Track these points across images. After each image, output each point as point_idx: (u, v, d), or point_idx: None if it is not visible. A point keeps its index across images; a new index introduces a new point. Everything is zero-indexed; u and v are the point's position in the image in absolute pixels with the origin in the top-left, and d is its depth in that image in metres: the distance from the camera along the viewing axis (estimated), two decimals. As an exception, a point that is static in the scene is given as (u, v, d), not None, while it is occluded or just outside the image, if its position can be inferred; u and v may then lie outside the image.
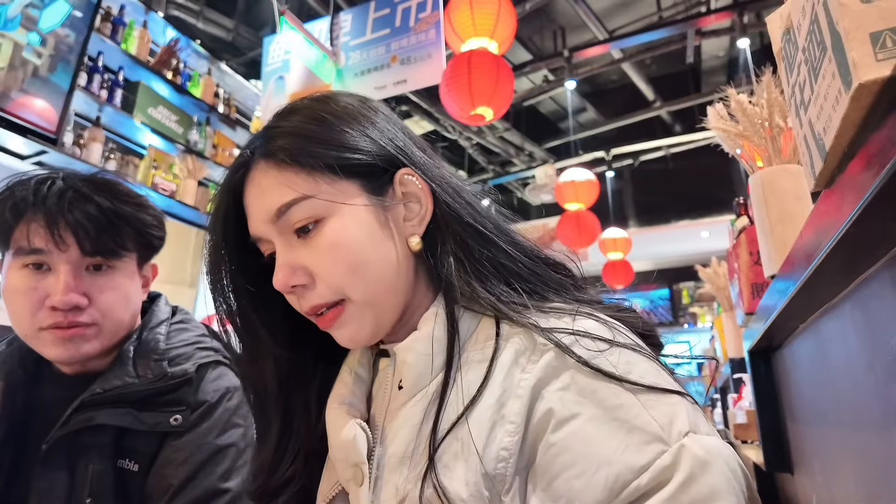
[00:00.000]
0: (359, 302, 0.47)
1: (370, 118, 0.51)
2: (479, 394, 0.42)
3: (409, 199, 0.50)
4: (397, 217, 0.49)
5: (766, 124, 0.75)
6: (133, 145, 2.90)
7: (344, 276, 0.46)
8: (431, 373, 0.46)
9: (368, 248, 0.46)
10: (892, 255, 0.34)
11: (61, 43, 2.21)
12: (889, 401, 0.38)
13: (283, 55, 3.25)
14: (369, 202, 0.48)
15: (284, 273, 0.46)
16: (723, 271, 1.89)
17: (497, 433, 0.41)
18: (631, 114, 5.58)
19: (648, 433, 0.38)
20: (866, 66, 0.26)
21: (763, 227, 0.71)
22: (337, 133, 0.48)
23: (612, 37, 4.52)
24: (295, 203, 0.46)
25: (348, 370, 0.52)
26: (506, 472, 0.40)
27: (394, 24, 2.92)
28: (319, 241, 0.46)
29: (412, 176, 0.49)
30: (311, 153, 0.46)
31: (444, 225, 0.49)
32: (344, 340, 0.49)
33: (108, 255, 0.73)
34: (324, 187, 0.46)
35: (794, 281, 0.48)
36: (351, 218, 0.46)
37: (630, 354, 0.42)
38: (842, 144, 0.31)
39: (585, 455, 0.38)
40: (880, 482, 0.41)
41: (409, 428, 0.44)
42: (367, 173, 0.48)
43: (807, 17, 0.34)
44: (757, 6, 3.84)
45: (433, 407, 0.43)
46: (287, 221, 0.46)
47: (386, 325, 0.49)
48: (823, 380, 0.56)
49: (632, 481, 0.37)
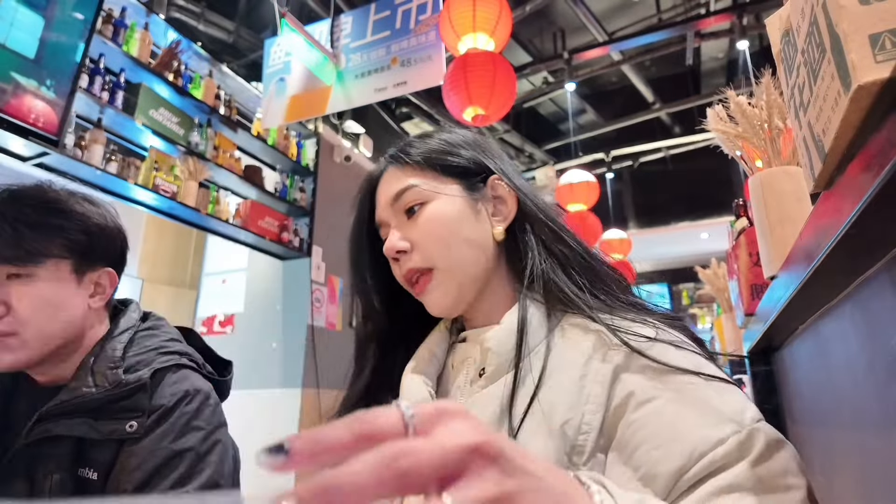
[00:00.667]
0: (444, 270, 0.57)
1: (474, 139, 0.65)
2: (541, 380, 0.49)
3: (498, 199, 0.61)
4: (487, 211, 0.60)
5: (765, 126, 0.75)
6: (134, 147, 2.90)
7: (435, 245, 0.57)
8: (510, 361, 0.52)
9: (457, 228, 0.58)
10: (892, 256, 0.34)
11: (61, 44, 2.21)
12: (889, 401, 0.38)
13: (283, 57, 3.25)
14: (464, 193, 0.60)
15: (392, 240, 0.59)
16: (722, 272, 1.89)
17: (579, 411, 0.46)
18: (631, 115, 5.59)
19: (723, 413, 0.42)
20: (865, 67, 0.26)
21: (762, 229, 0.72)
22: (446, 146, 0.62)
23: (611, 39, 4.52)
24: (407, 189, 0.59)
25: (427, 348, 0.61)
26: (586, 443, 0.45)
27: (394, 26, 2.92)
28: (421, 217, 0.59)
29: (501, 181, 0.61)
30: (425, 157, 0.61)
31: (525, 223, 0.59)
32: (431, 305, 0.59)
33: (21, 263, 0.72)
34: (430, 180, 0.60)
35: (793, 282, 0.48)
36: (447, 202, 0.59)
37: (695, 356, 0.47)
38: (841, 146, 0.31)
39: (664, 429, 0.42)
40: (880, 482, 0.41)
41: (492, 411, 0.50)
42: (464, 174, 0.61)
43: (806, 18, 0.35)
44: (756, 8, 3.85)
45: (508, 391, 0.50)
46: (401, 204, 0.59)
47: (466, 297, 0.59)
48: (823, 380, 0.56)
49: (707, 453, 0.40)
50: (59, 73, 2.21)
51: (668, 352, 0.47)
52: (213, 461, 0.74)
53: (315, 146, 3.88)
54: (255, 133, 3.44)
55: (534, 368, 0.50)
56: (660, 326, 0.50)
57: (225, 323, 3.84)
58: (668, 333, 0.50)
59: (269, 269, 3.69)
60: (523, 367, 0.51)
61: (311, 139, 3.90)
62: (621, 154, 6.01)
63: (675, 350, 0.47)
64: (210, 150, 3.11)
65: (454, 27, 2.34)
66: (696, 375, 0.45)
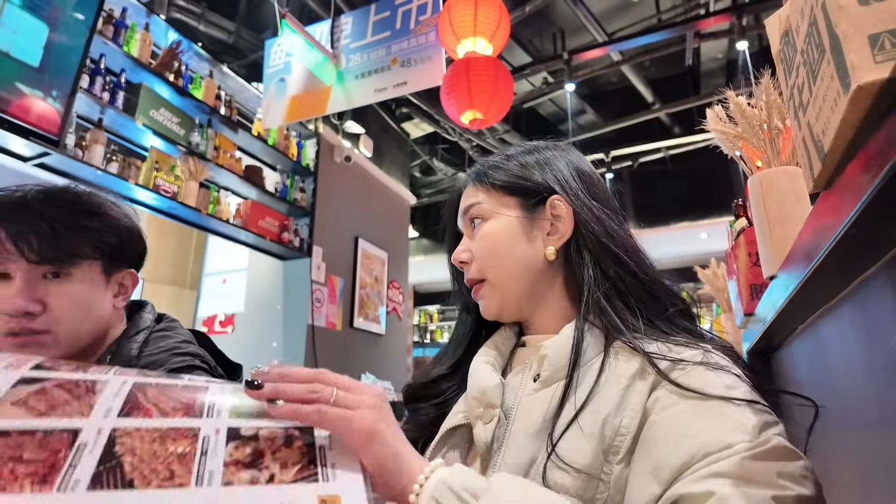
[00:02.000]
0: (492, 282, 0.63)
1: (543, 153, 0.67)
2: (591, 394, 0.52)
3: (556, 219, 0.63)
4: (542, 230, 0.63)
5: (764, 126, 0.75)
6: (135, 147, 2.90)
7: (486, 259, 0.63)
8: (564, 370, 0.55)
9: (506, 244, 0.62)
10: (891, 257, 0.34)
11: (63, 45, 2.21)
12: (888, 401, 0.38)
13: (284, 57, 3.25)
14: (521, 214, 0.63)
15: (458, 250, 0.66)
16: (722, 272, 1.89)
17: (619, 417, 0.49)
18: (630, 116, 5.59)
19: (741, 425, 0.43)
20: (865, 67, 0.26)
21: (762, 229, 0.72)
22: (511, 164, 0.66)
23: (611, 39, 4.52)
24: (472, 206, 0.65)
25: (493, 344, 0.66)
26: (622, 445, 0.48)
27: (394, 27, 2.92)
28: (479, 232, 0.64)
29: (560, 201, 0.63)
30: (490, 177, 0.66)
31: (581, 243, 0.61)
32: (482, 309, 0.65)
33: (60, 263, 0.74)
34: (492, 198, 0.65)
35: (792, 282, 0.48)
36: (501, 220, 0.63)
37: (731, 377, 0.48)
38: (840, 146, 0.31)
39: (678, 429, 0.44)
40: (880, 482, 0.41)
41: (541, 413, 0.53)
42: (522, 193, 0.64)
43: (805, 19, 0.35)
44: (756, 9, 3.85)
45: (557, 400, 0.53)
46: (469, 218, 0.66)
47: (513, 307, 0.63)
48: (823, 380, 0.56)
49: (713, 453, 0.41)
50: (61, 74, 2.21)
51: (704, 376, 0.48)
52: None
53: (315, 146, 3.88)
54: (256, 133, 3.44)
55: (585, 382, 0.53)
56: (710, 350, 0.52)
57: (225, 323, 3.84)
58: (717, 357, 0.51)
59: (270, 269, 3.69)
60: (575, 379, 0.53)
61: (311, 139, 3.90)
62: (621, 154, 6.01)
63: (712, 374, 0.49)
64: (210, 150, 3.11)
65: (455, 30, 2.34)
66: (722, 400, 0.46)
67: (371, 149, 4.53)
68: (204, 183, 3.05)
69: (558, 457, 0.49)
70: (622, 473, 0.47)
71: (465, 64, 2.33)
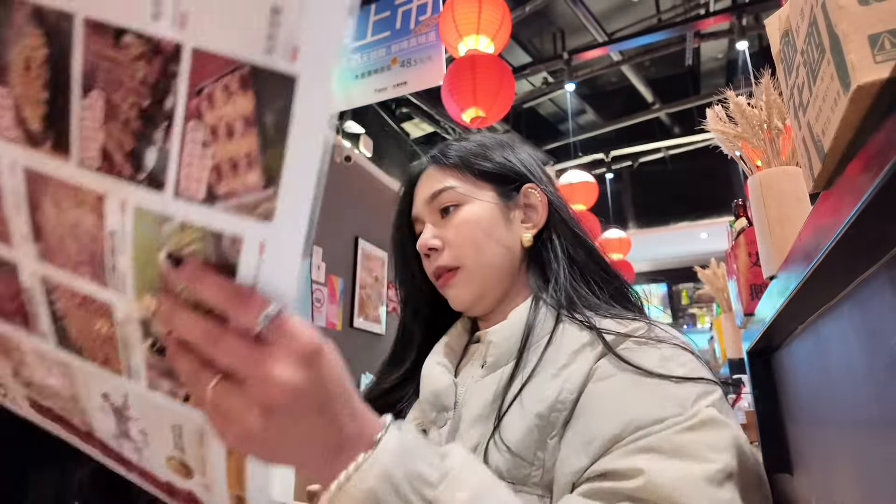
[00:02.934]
0: (470, 269, 0.61)
1: (512, 146, 0.68)
2: (534, 371, 0.52)
3: (530, 207, 0.64)
4: (518, 217, 0.63)
5: (764, 126, 0.75)
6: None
7: (465, 246, 0.61)
8: (510, 354, 0.55)
9: (487, 230, 0.61)
10: (891, 257, 0.34)
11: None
12: (888, 401, 0.38)
13: (283, 57, 3.25)
14: (497, 200, 0.63)
15: (426, 237, 0.62)
16: (722, 272, 1.89)
17: (557, 391, 0.49)
18: (630, 116, 5.59)
19: (672, 397, 0.44)
20: (865, 67, 0.26)
21: (762, 229, 0.72)
22: (486, 151, 0.65)
23: (611, 39, 4.52)
24: (444, 190, 0.62)
25: (445, 343, 0.65)
26: (557, 420, 0.48)
27: (394, 27, 2.92)
28: (455, 219, 0.62)
29: (534, 189, 0.64)
30: (463, 160, 0.64)
31: (553, 231, 0.62)
32: (452, 298, 0.62)
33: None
34: (466, 183, 0.63)
35: (792, 282, 0.48)
36: (481, 207, 0.62)
37: (675, 350, 0.49)
38: (840, 146, 0.31)
39: (611, 401, 0.45)
40: (880, 483, 0.41)
41: (487, 396, 0.54)
42: (499, 181, 0.63)
43: (805, 19, 0.35)
44: (756, 9, 3.85)
45: (503, 382, 0.53)
46: (437, 203, 0.63)
47: (487, 298, 0.62)
48: (823, 381, 0.56)
49: (644, 426, 0.42)
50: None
51: (644, 350, 0.49)
52: None
53: (315, 146, 3.88)
54: (255, 133, 3.44)
55: (530, 362, 0.53)
56: (654, 324, 0.54)
57: (224, 323, 3.84)
58: (661, 330, 0.53)
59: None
60: (524, 359, 0.54)
61: (310, 139, 3.90)
62: (621, 154, 6.01)
63: (653, 347, 0.49)
64: (210, 150, 3.11)
65: (458, 27, 2.34)
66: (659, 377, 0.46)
67: (371, 149, 4.53)
68: (203, 183, 3.05)
69: (500, 437, 0.49)
70: (556, 448, 0.47)
71: (471, 61, 2.33)
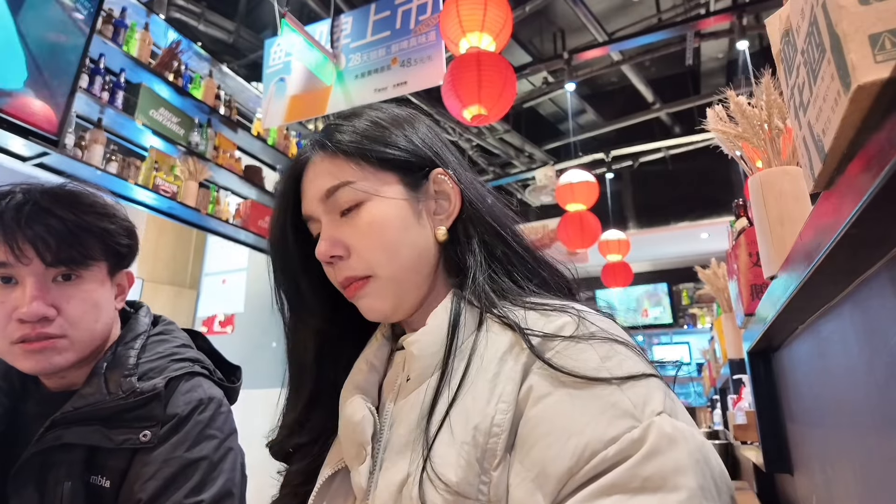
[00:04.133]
0: (384, 277, 0.52)
1: (414, 125, 0.59)
2: (462, 385, 0.46)
3: (441, 196, 0.56)
4: (429, 210, 0.55)
5: (765, 126, 0.75)
6: (134, 147, 2.90)
7: (375, 251, 0.52)
8: (434, 364, 0.49)
9: (399, 231, 0.53)
10: (892, 256, 0.34)
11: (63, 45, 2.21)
12: (889, 401, 0.38)
13: (283, 57, 3.25)
14: (405, 193, 0.54)
15: (326, 244, 0.53)
16: (722, 272, 1.89)
17: (490, 413, 0.43)
18: (630, 115, 5.59)
19: (621, 409, 0.40)
20: (865, 67, 0.26)
21: (762, 229, 0.72)
22: (384, 133, 0.56)
23: (611, 39, 4.52)
24: (341, 186, 0.53)
25: (364, 360, 0.56)
26: (497, 447, 0.42)
27: (394, 27, 2.92)
28: (358, 220, 0.53)
29: (444, 176, 0.56)
30: (359, 147, 0.54)
31: (468, 221, 0.55)
32: (366, 309, 0.54)
33: (73, 265, 0.72)
34: (367, 176, 0.53)
35: (793, 282, 0.48)
36: (387, 203, 0.53)
37: (612, 345, 0.44)
38: (841, 146, 0.31)
39: (559, 426, 0.40)
40: (880, 482, 0.41)
41: (413, 417, 0.47)
42: (404, 168, 0.55)
43: (806, 19, 0.35)
44: (756, 8, 3.85)
45: (430, 397, 0.47)
46: (334, 202, 0.53)
47: (406, 305, 0.54)
48: (823, 380, 0.56)
49: (599, 451, 0.38)
50: (60, 73, 2.21)
51: (578, 352, 0.44)
52: (227, 468, 0.74)
53: (315, 146, 3.88)
54: (256, 133, 3.44)
55: (456, 372, 0.47)
56: (585, 315, 0.47)
57: (225, 323, 3.84)
58: (592, 321, 0.46)
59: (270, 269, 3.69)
60: (448, 371, 0.47)
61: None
62: (621, 154, 6.01)
63: (586, 346, 0.44)
64: (210, 150, 3.11)
65: (462, 23, 2.34)
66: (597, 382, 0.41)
67: (371, 148, 4.53)
68: (203, 183, 3.05)
69: (433, 469, 0.42)
70: (501, 479, 0.42)
71: (476, 58, 2.33)
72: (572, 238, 4.44)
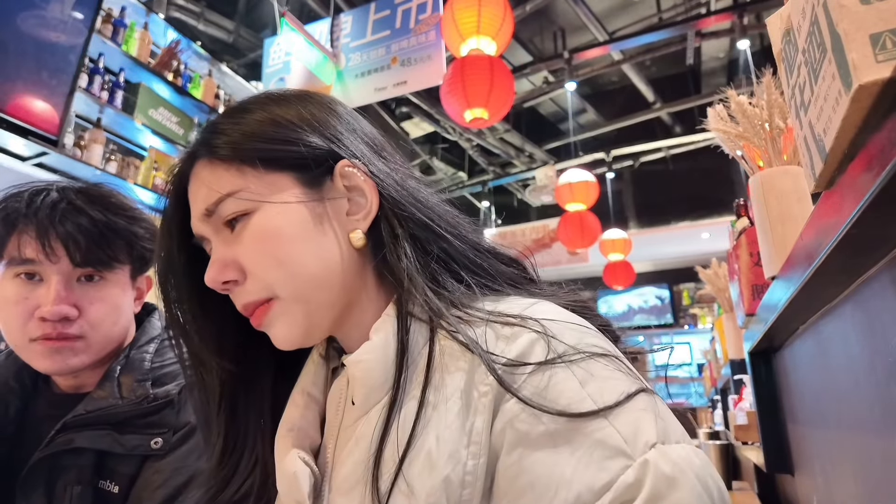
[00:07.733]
0: (287, 299, 0.44)
1: (308, 109, 0.48)
2: (418, 419, 0.39)
3: (354, 191, 0.47)
4: (338, 211, 0.47)
5: (766, 125, 0.75)
6: (134, 147, 2.90)
7: (269, 270, 0.44)
8: (382, 387, 0.42)
9: (297, 242, 0.44)
10: (893, 256, 0.34)
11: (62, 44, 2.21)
12: (889, 402, 0.38)
13: (283, 57, 3.25)
14: (303, 196, 0.45)
15: (215, 269, 0.45)
16: (723, 272, 1.89)
17: (461, 458, 0.37)
18: (631, 115, 5.59)
19: (610, 447, 0.35)
20: (866, 67, 0.26)
21: (763, 229, 0.71)
22: (266, 126, 0.46)
23: (612, 38, 4.52)
24: (222, 200, 0.45)
25: (300, 391, 0.49)
26: (472, 498, 0.37)
27: (394, 26, 2.92)
28: (245, 234, 0.44)
29: (353, 168, 0.47)
30: (236, 149, 0.45)
31: (392, 217, 0.46)
32: (277, 340, 0.46)
33: (100, 267, 0.72)
34: (250, 182, 0.45)
35: (794, 282, 0.48)
36: (278, 211, 0.45)
37: (587, 363, 0.38)
38: (842, 146, 0.31)
39: (543, 477, 0.35)
40: (880, 483, 0.41)
41: (362, 449, 0.41)
42: (298, 165, 0.46)
43: (807, 18, 0.34)
44: (757, 8, 3.85)
45: (379, 431, 0.40)
46: (218, 217, 0.45)
47: (322, 325, 0.46)
48: (824, 381, 0.56)
49: (593, 503, 0.34)
50: (59, 73, 2.21)
51: (549, 378, 0.37)
52: None
53: (315, 146, 3.88)
54: (256, 133, 3.44)
55: (410, 396, 0.40)
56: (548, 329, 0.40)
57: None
58: (560, 340, 0.39)
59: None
60: (398, 401, 0.40)
61: (311, 139, 3.90)
62: (621, 154, 6.02)
63: (560, 371, 0.37)
64: (210, 149, 3.11)
65: (459, 29, 2.35)
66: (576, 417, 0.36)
67: (371, 148, 4.52)
68: (204, 182, 3.05)
69: None
70: None
71: (461, 63, 2.34)
72: (572, 238, 4.44)
